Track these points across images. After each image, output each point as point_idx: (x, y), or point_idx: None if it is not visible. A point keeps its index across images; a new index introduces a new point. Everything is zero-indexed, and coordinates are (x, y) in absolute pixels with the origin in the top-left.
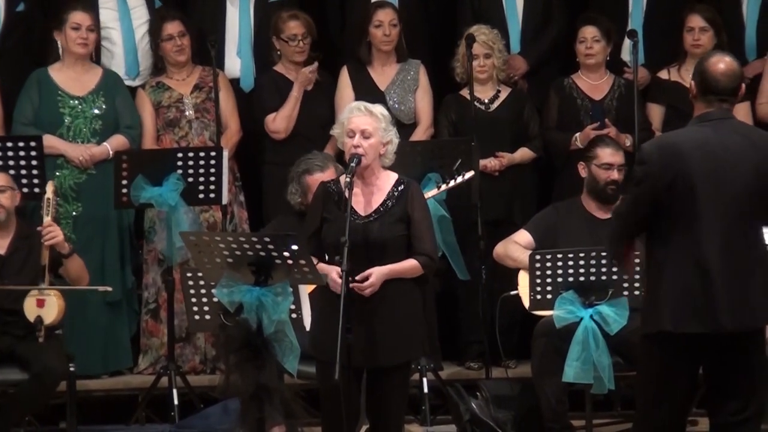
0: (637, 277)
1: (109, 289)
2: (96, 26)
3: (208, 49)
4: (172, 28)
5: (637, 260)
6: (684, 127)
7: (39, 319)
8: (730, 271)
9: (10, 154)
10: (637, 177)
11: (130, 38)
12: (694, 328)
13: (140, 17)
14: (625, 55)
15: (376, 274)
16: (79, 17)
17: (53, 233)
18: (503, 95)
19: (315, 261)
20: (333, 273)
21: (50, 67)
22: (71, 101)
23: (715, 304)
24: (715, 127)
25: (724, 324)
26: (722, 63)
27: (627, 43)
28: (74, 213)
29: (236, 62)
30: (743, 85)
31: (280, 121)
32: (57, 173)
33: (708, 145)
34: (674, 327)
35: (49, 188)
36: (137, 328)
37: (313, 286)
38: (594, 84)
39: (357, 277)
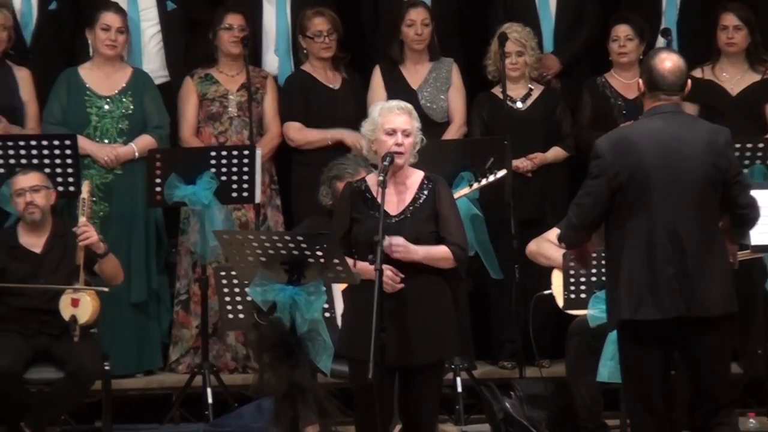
0: None
1: (106, 289)
2: (126, 28)
3: (255, 50)
4: (234, 19)
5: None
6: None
7: (73, 319)
8: (684, 259)
9: (45, 152)
10: (593, 172)
11: (137, 39)
12: (651, 314)
13: (150, 19)
14: None
15: (407, 243)
16: (110, 18)
17: (88, 233)
18: (536, 94)
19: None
20: (362, 266)
21: (80, 67)
22: (99, 101)
23: (668, 291)
24: (666, 119)
25: (679, 310)
26: (668, 61)
27: (661, 41)
28: (101, 213)
29: (274, 60)
30: (689, 81)
31: (299, 138)
32: (84, 173)
33: (660, 135)
34: (632, 314)
35: (85, 188)
36: (169, 325)
37: (345, 285)
38: (627, 83)
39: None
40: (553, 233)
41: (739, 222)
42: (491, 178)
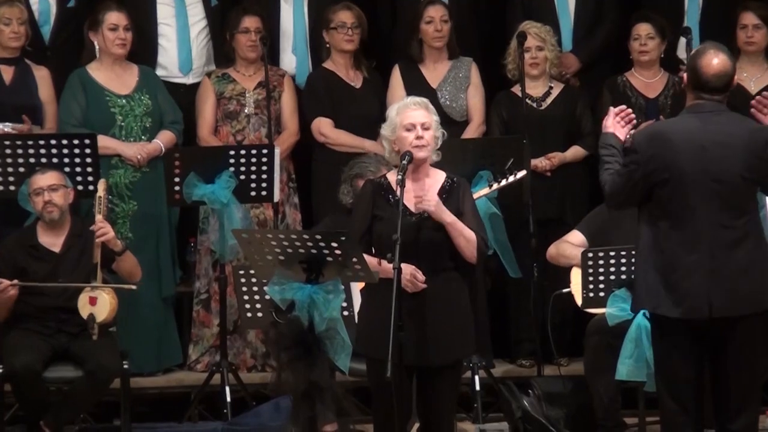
0: None
1: (134, 287)
2: (132, 25)
3: (273, 49)
4: (251, 22)
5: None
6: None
7: (91, 317)
8: (715, 258)
9: (65, 152)
10: (628, 164)
11: (185, 35)
12: (677, 312)
13: (196, 14)
14: (681, 52)
15: (439, 202)
16: (115, 17)
17: (104, 230)
18: (555, 92)
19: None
20: (377, 263)
21: (88, 67)
22: (120, 100)
23: (700, 291)
24: (705, 119)
25: (708, 309)
26: (715, 60)
27: (682, 40)
28: (130, 212)
29: (292, 59)
30: (735, 78)
31: (334, 137)
32: (111, 173)
33: (697, 134)
34: (663, 309)
35: (101, 186)
36: (187, 321)
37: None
38: (648, 82)
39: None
40: (573, 236)
41: None
42: (511, 178)
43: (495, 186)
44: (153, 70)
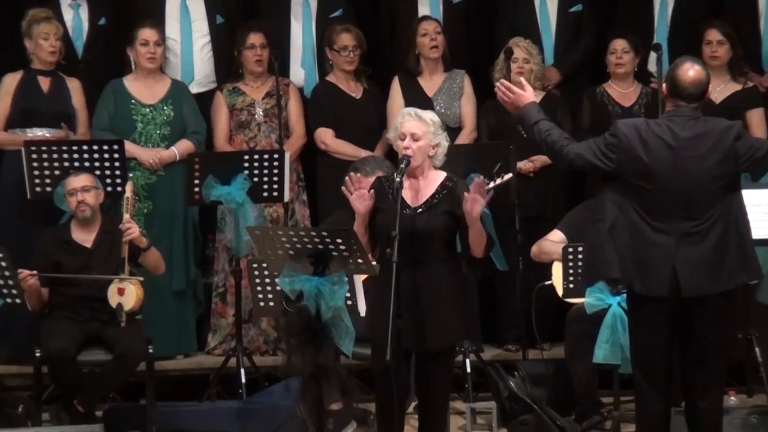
0: None
1: (140, 278)
2: (163, 40)
3: (284, 62)
4: (256, 38)
5: None
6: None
7: (119, 306)
8: (684, 245)
9: (95, 156)
10: (606, 143)
11: (188, 49)
12: (643, 289)
13: (200, 30)
14: (652, 66)
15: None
16: (147, 34)
17: (132, 230)
18: (537, 100)
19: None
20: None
21: (125, 78)
22: (143, 109)
23: (658, 271)
24: (682, 123)
25: (673, 289)
26: (692, 71)
27: (652, 55)
28: (145, 211)
29: (300, 72)
30: (710, 88)
31: (334, 146)
32: (130, 174)
33: (670, 135)
34: (626, 277)
35: (129, 188)
36: (206, 312)
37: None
38: (623, 92)
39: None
40: (554, 234)
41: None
42: (498, 181)
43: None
44: (185, 84)
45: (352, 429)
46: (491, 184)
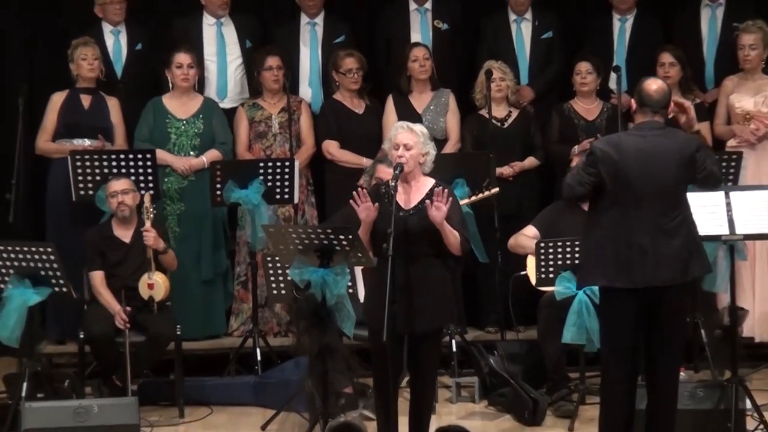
0: None
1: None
2: (195, 62)
3: (294, 82)
4: (273, 61)
5: None
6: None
7: (151, 298)
8: (655, 242)
9: (131, 163)
10: (588, 163)
11: (223, 69)
12: (621, 283)
13: (233, 53)
14: (612, 84)
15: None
16: (181, 58)
17: (148, 238)
18: (514, 115)
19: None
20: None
21: (164, 96)
22: (177, 123)
23: (640, 266)
24: (650, 134)
25: (649, 279)
26: (655, 84)
27: (613, 75)
28: (178, 211)
29: (308, 91)
30: (672, 101)
31: (338, 156)
32: (165, 179)
33: (642, 146)
34: (608, 281)
35: (147, 199)
36: (231, 298)
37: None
38: (587, 107)
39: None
40: (528, 230)
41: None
42: (486, 193)
43: (474, 198)
44: (215, 101)
45: (358, 413)
46: (479, 195)
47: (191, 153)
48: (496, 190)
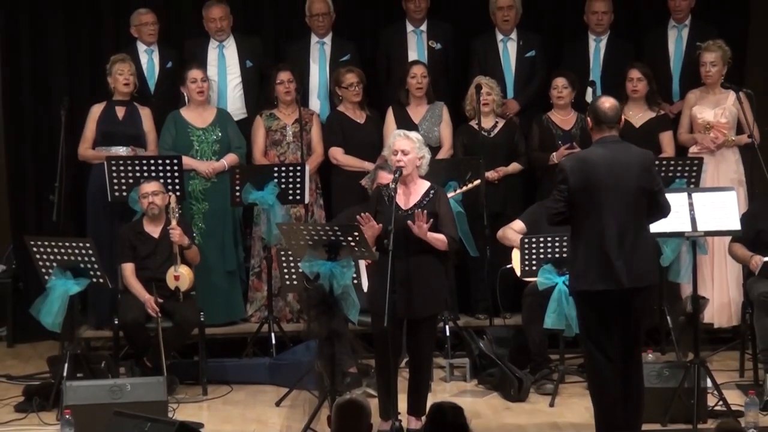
0: None
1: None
2: (207, 77)
3: (304, 95)
4: (284, 75)
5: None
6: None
7: (177, 289)
8: (624, 247)
9: (160, 168)
10: (558, 182)
11: (223, 88)
12: (602, 286)
13: (233, 73)
14: (588, 97)
15: (425, 230)
16: (195, 73)
17: (173, 235)
18: (500, 125)
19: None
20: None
21: (181, 109)
22: (197, 131)
23: (614, 269)
24: (611, 147)
25: (623, 282)
26: (608, 102)
27: (589, 90)
28: (203, 210)
29: (317, 103)
30: (623, 117)
31: (343, 161)
32: (190, 182)
33: (607, 159)
34: (589, 286)
35: (172, 200)
36: (246, 287)
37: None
38: (564, 118)
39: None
40: (516, 223)
41: (659, 215)
42: (470, 185)
43: (459, 190)
44: (228, 112)
45: (362, 391)
46: (465, 187)
47: (212, 157)
48: (478, 181)
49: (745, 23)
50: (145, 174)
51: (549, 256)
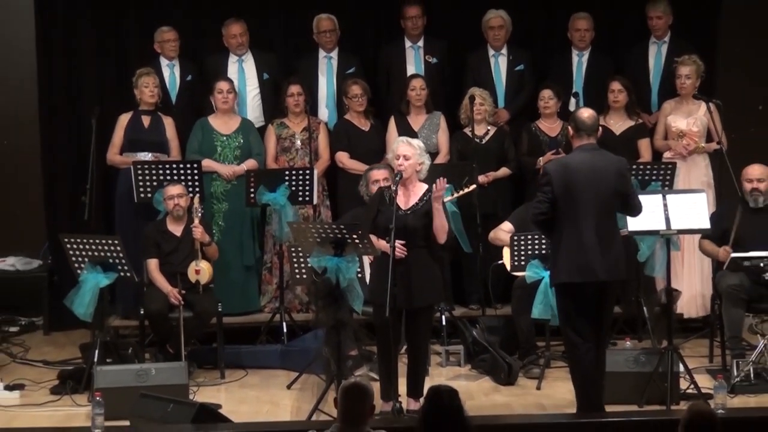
0: None
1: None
2: (233, 89)
3: (313, 105)
4: (294, 89)
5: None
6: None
7: (197, 282)
8: (600, 244)
9: (182, 171)
10: (542, 185)
11: (243, 98)
12: (579, 278)
13: (252, 85)
14: (572, 107)
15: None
16: (221, 85)
17: (196, 232)
18: (492, 132)
19: (375, 239)
20: (381, 243)
21: (209, 116)
22: (222, 137)
23: (591, 264)
24: (588, 154)
25: (599, 275)
26: (587, 113)
27: (572, 100)
28: (223, 209)
29: (325, 112)
30: (600, 128)
31: (348, 165)
32: (212, 183)
33: (586, 164)
34: (568, 278)
35: (196, 200)
36: (259, 281)
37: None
38: (550, 126)
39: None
40: (505, 225)
41: (631, 215)
42: (466, 190)
43: (456, 195)
44: (251, 121)
45: (364, 371)
46: (461, 192)
47: (234, 162)
48: (474, 186)
49: (713, 41)
50: (168, 177)
51: (537, 252)
